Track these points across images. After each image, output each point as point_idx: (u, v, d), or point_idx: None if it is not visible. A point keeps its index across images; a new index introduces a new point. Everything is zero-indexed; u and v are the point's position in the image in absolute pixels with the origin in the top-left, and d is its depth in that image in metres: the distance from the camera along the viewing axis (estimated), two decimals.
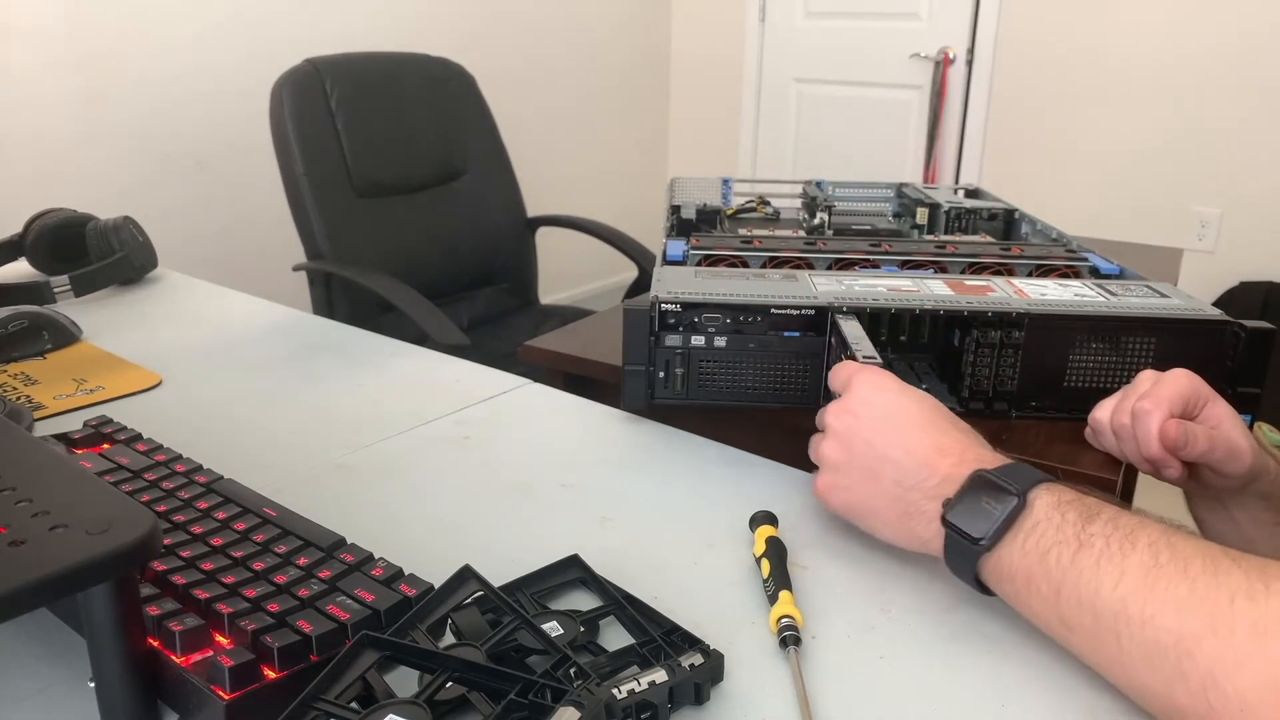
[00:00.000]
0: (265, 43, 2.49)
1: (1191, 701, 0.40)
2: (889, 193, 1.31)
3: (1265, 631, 0.39)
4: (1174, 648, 0.41)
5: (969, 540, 0.49)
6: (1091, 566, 0.44)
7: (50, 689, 0.47)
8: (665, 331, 0.75)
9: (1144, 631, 0.42)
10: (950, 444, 0.54)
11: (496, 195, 2.25)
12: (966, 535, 0.49)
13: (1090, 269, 0.92)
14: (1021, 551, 0.47)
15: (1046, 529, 0.47)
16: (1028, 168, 3.13)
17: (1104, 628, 0.44)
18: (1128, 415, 0.67)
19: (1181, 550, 0.43)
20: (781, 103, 3.66)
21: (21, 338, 0.91)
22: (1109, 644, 0.44)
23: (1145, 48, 2.85)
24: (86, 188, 2.24)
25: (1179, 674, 0.41)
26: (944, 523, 0.50)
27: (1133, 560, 0.43)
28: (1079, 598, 0.44)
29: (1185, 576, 0.42)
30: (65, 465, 0.48)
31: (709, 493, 0.67)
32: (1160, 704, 0.42)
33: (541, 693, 0.41)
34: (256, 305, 1.10)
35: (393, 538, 0.57)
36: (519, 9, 3.23)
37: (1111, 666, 0.44)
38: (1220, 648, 0.39)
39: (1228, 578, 0.41)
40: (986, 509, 0.48)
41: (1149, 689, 0.43)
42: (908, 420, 0.55)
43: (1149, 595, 0.42)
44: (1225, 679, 0.39)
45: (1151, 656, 0.42)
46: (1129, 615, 0.42)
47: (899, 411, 0.56)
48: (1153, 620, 0.42)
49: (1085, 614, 0.44)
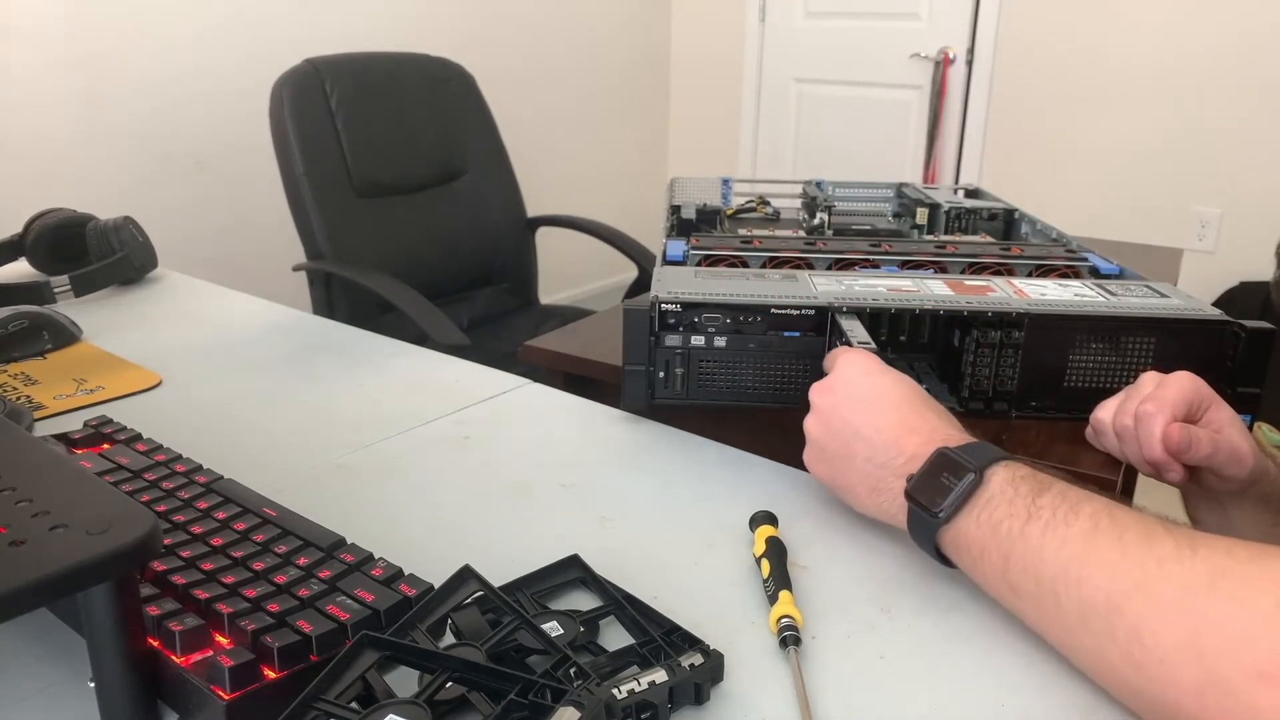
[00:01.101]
0: (265, 43, 2.49)
1: (1119, 657, 0.43)
2: (889, 193, 1.31)
3: (1187, 590, 0.41)
4: (1104, 605, 0.43)
5: (928, 513, 0.52)
6: (1038, 535, 0.47)
7: (50, 689, 0.47)
8: (665, 331, 0.75)
9: (1079, 591, 0.44)
10: (920, 424, 0.56)
11: (496, 195, 2.25)
12: (926, 509, 0.52)
13: (1090, 269, 0.92)
14: (976, 523, 0.50)
15: (1000, 502, 0.49)
16: (1028, 168, 3.13)
17: (1045, 590, 0.46)
18: (1130, 417, 0.67)
19: (1120, 519, 0.45)
20: (781, 103, 3.66)
21: (21, 338, 0.91)
22: (1050, 605, 0.46)
23: (1145, 48, 2.85)
24: (86, 188, 2.24)
25: (1108, 631, 0.43)
26: (906, 496, 0.53)
27: (1075, 528, 0.46)
28: (1025, 564, 0.47)
29: (1120, 542, 0.44)
30: (65, 465, 0.48)
31: (709, 493, 0.67)
32: (1093, 661, 0.45)
33: (541, 693, 0.41)
34: (256, 305, 1.10)
35: (393, 538, 0.57)
36: (519, 9, 3.23)
37: (1052, 627, 0.47)
38: (1146, 605, 0.42)
39: (1159, 543, 0.43)
40: (945, 484, 0.51)
41: (1083, 647, 0.45)
42: (882, 400, 0.59)
43: (1086, 559, 0.45)
44: (1149, 634, 0.41)
45: (1085, 615, 0.44)
46: (1067, 577, 0.45)
47: (874, 392, 0.59)
48: (1088, 581, 0.44)
49: (1030, 578, 0.47)
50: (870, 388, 0.60)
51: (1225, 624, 0.39)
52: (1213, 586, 0.40)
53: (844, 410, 0.60)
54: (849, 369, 0.62)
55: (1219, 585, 0.40)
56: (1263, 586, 0.39)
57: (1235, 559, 0.41)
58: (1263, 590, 0.39)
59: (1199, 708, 0.39)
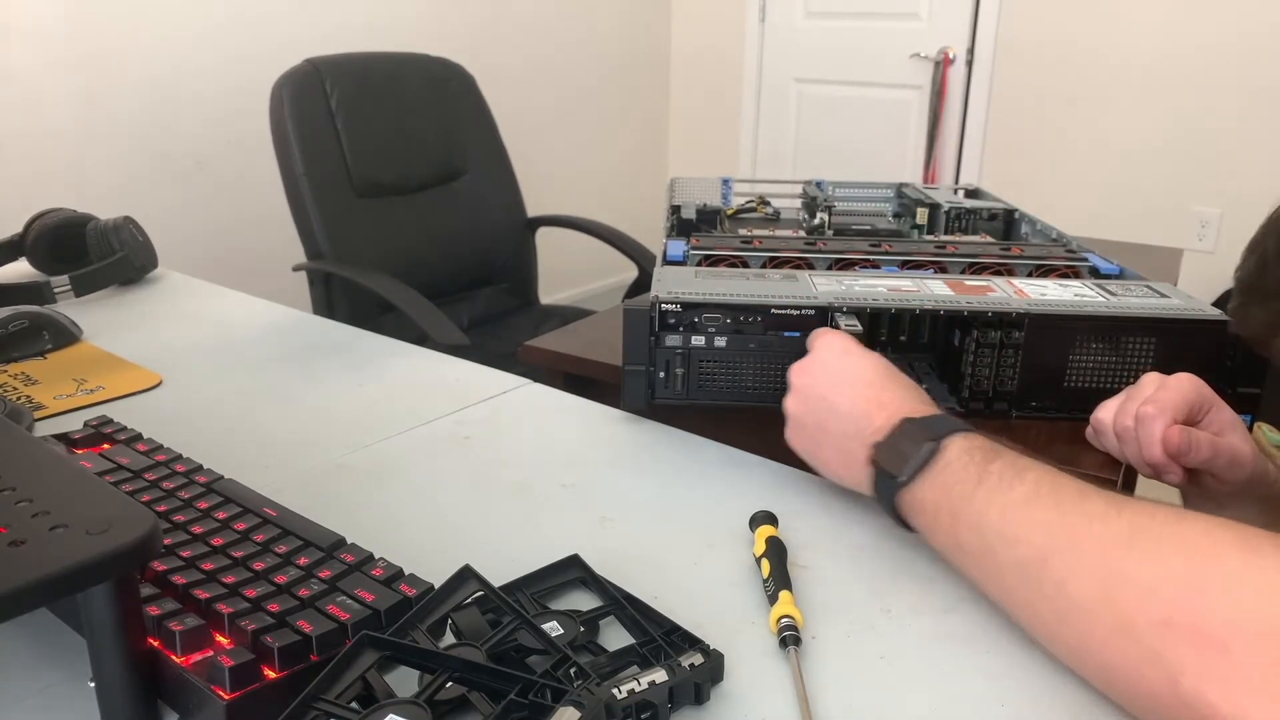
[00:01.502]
0: (265, 43, 2.49)
1: (1047, 608, 0.46)
2: (889, 193, 1.31)
3: (1108, 546, 0.43)
4: (1036, 561, 0.46)
5: (890, 478, 0.55)
6: (984, 497, 0.50)
7: (50, 689, 0.47)
8: (665, 331, 0.75)
9: (1016, 549, 0.47)
10: (888, 399, 0.59)
11: (496, 195, 2.25)
12: (888, 474, 0.55)
13: (1090, 269, 0.92)
14: (932, 487, 0.53)
15: (955, 468, 0.52)
16: (1028, 168, 3.13)
17: (987, 547, 0.49)
18: (1131, 418, 0.67)
19: (1059, 484, 0.48)
20: (781, 103, 3.66)
21: (22, 338, 0.91)
22: (990, 561, 0.49)
23: (1145, 48, 2.85)
24: (86, 188, 2.24)
25: (1038, 584, 0.46)
26: (871, 463, 0.57)
27: (1018, 492, 0.49)
28: (971, 523, 0.50)
29: (1056, 504, 0.47)
30: (65, 465, 0.48)
31: (709, 493, 0.67)
32: (1026, 613, 0.48)
33: (541, 693, 0.41)
34: (256, 305, 1.10)
35: (393, 538, 0.57)
36: (519, 9, 3.23)
37: (991, 582, 0.50)
38: (1072, 559, 0.45)
39: (1091, 504, 0.46)
40: (906, 451, 0.55)
41: (1018, 600, 0.48)
42: (854, 378, 0.62)
43: (1024, 518, 0.48)
44: (1072, 586, 0.44)
45: (1020, 570, 0.47)
46: (1005, 535, 0.48)
47: (847, 370, 0.63)
48: (1024, 538, 0.47)
49: (975, 536, 0.50)
50: (845, 367, 0.63)
51: (1137, 576, 0.42)
52: (1131, 543, 0.43)
53: (820, 388, 0.63)
54: (826, 350, 0.65)
55: (1136, 542, 0.43)
56: (1174, 544, 0.42)
57: (1155, 519, 0.43)
58: (1173, 548, 0.42)
59: (1110, 651, 0.42)
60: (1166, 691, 0.39)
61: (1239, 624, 0.37)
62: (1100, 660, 0.43)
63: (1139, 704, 0.42)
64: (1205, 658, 0.38)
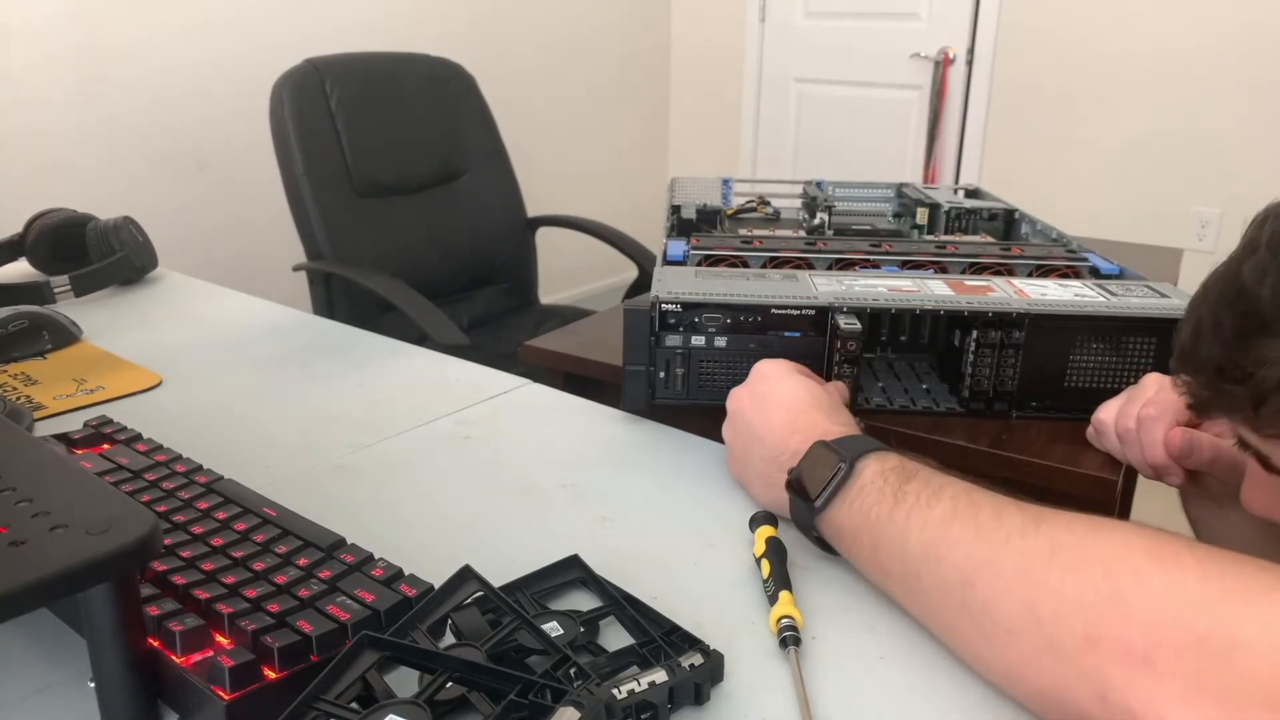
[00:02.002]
0: (265, 42, 2.49)
1: (972, 629, 0.45)
2: (889, 193, 1.31)
3: (1029, 563, 0.43)
4: (960, 581, 0.46)
5: (806, 502, 0.55)
6: (903, 519, 0.50)
7: (50, 689, 0.47)
8: (665, 331, 0.75)
9: (939, 569, 0.47)
10: (804, 424, 0.60)
11: (496, 195, 2.25)
12: (803, 498, 0.55)
13: (1090, 269, 0.92)
14: (849, 511, 0.53)
15: (870, 491, 0.52)
16: (1028, 168, 3.13)
17: (910, 569, 0.49)
18: (1133, 420, 0.67)
19: (976, 501, 0.48)
20: (781, 103, 3.65)
21: (22, 338, 0.91)
22: (914, 584, 0.49)
23: (1145, 48, 2.85)
24: (86, 187, 2.24)
25: (963, 605, 0.45)
26: (787, 487, 0.57)
27: (936, 511, 0.48)
28: (892, 547, 0.50)
29: (974, 522, 0.46)
30: (65, 465, 0.48)
31: (709, 493, 0.67)
32: (953, 635, 0.47)
33: (541, 693, 0.41)
34: (256, 305, 1.10)
35: (393, 538, 0.57)
36: (519, 9, 3.23)
37: (918, 604, 0.50)
38: (994, 578, 0.44)
39: (1008, 520, 0.45)
40: (819, 475, 0.54)
41: (944, 623, 0.48)
42: (775, 403, 0.63)
43: (944, 538, 0.47)
44: (996, 606, 0.44)
45: (944, 591, 0.47)
46: (928, 557, 0.48)
47: (769, 395, 0.64)
48: (945, 559, 0.47)
49: (897, 559, 0.50)
50: (767, 391, 0.64)
51: (1058, 591, 0.41)
52: (1051, 558, 0.42)
53: (746, 414, 0.64)
54: (756, 374, 0.66)
55: (1056, 557, 0.42)
56: (1092, 558, 0.41)
57: (1073, 533, 0.43)
58: (1092, 561, 0.41)
59: (1037, 673, 0.42)
60: (1093, 707, 0.39)
61: (1161, 637, 0.37)
62: (1031, 682, 0.43)
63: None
64: (1130, 672, 0.38)
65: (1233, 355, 0.47)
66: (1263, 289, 0.47)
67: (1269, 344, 0.46)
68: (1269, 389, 0.45)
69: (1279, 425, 0.47)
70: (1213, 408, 0.51)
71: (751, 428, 0.63)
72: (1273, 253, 0.47)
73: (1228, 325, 0.48)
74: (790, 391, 0.63)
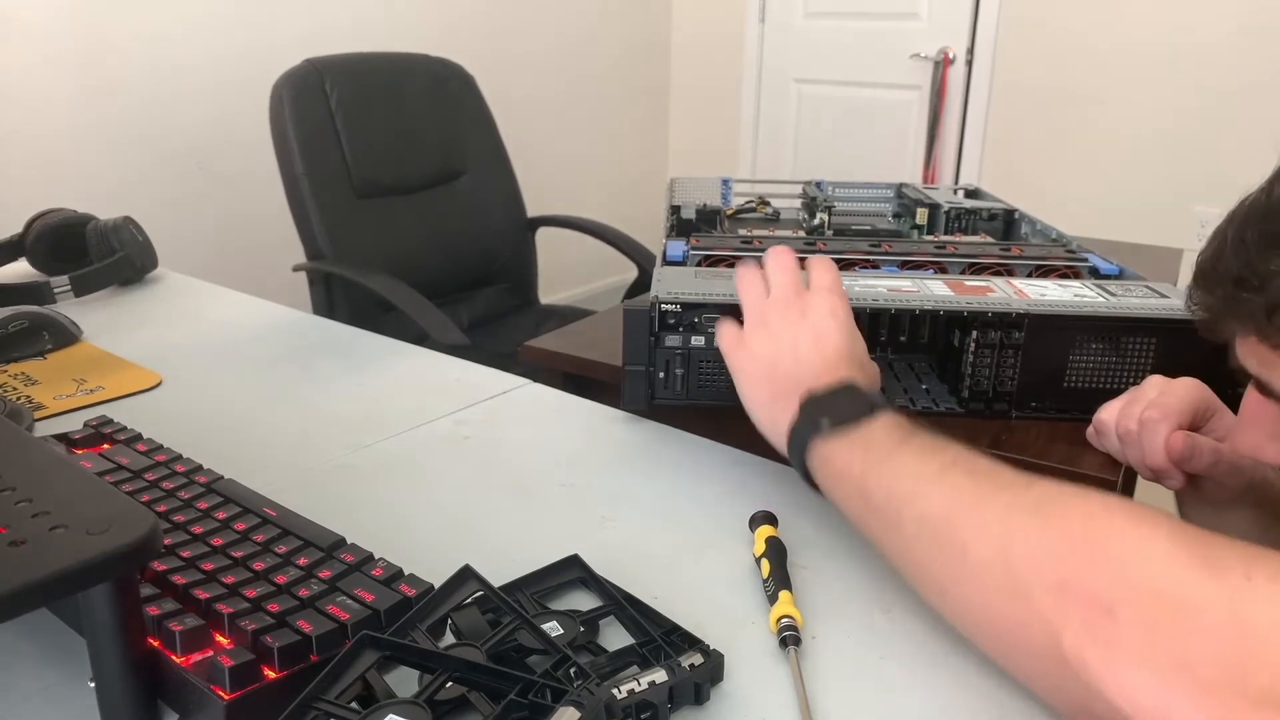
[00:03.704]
0: (265, 42, 2.49)
1: (942, 568, 0.47)
2: (889, 193, 1.31)
3: (1012, 511, 0.44)
4: (940, 520, 0.47)
5: (814, 423, 0.56)
6: (900, 461, 0.51)
7: (50, 689, 0.47)
8: (665, 331, 0.75)
9: (923, 505, 0.48)
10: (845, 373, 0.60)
11: (496, 195, 2.25)
12: (814, 419, 0.56)
13: (1090, 269, 0.92)
14: (851, 445, 0.54)
15: (878, 432, 0.54)
16: (1028, 168, 3.13)
17: (893, 503, 0.50)
18: (1134, 422, 0.67)
19: (977, 459, 0.49)
20: (781, 103, 3.66)
21: (22, 338, 0.91)
22: (893, 518, 0.50)
23: (1145, 47, 2.85)
24: (86, 187, 2.24)
25: (938, 544, 0.47)
26: (800, 404, 0.58)
27: (935, 460, 0.50)
28: (882, 479, 0.51)
29: (970, 474, 0.48)
30: (65, 465, 0.48)
31: (709, 493, 0.67)
32: (921, 574, 0.49)
33: (541, 693, 0.41)
34: (256, 305, 1.10)
35: (393, 538, 0.57)
36: (519, 9, 3.23)
37: (892, 539, 0.51)
38: (974, 520, 0.45)
39: (1003, 477, 0.47)
40: (841, 405, 0.56)
41: (915, 560, 0.49)
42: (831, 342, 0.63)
43: (936, 482, 0.49)
44: (971, 546, 0.45)
45: (922, 529, 0.48)
46: (915, 494, 0.49)
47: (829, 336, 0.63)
48: (932, 498, 0.48)
49: (883, 491, 0.51)
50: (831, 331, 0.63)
51: (1035, 539, 0.42)
52: (1034, 510, 0.44)
53: (794, 335, 0.63)
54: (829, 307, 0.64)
55: (1040, 510, 0.44)
56: (1074, 512, 0.42)
57: (1062, 494, 0.44)
58: (1073, 515, 0.42)
59: (999, 614, 0.43)
60: (1048, 651, 0.40)
61: (1127, 591, 0.38)
62: (992, 623, 0.44)
63: (1021, 664, 0.44)
64: (1091, 620, 0.39)
65: (1254, 265, 0.47)
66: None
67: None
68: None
69: None
70: (1225, 318, 0.51)
71: (795, 351, 0.62)
72: None
73: (1251, 240, 0.48)
74: (849, 342, 0.63)
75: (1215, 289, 0.51)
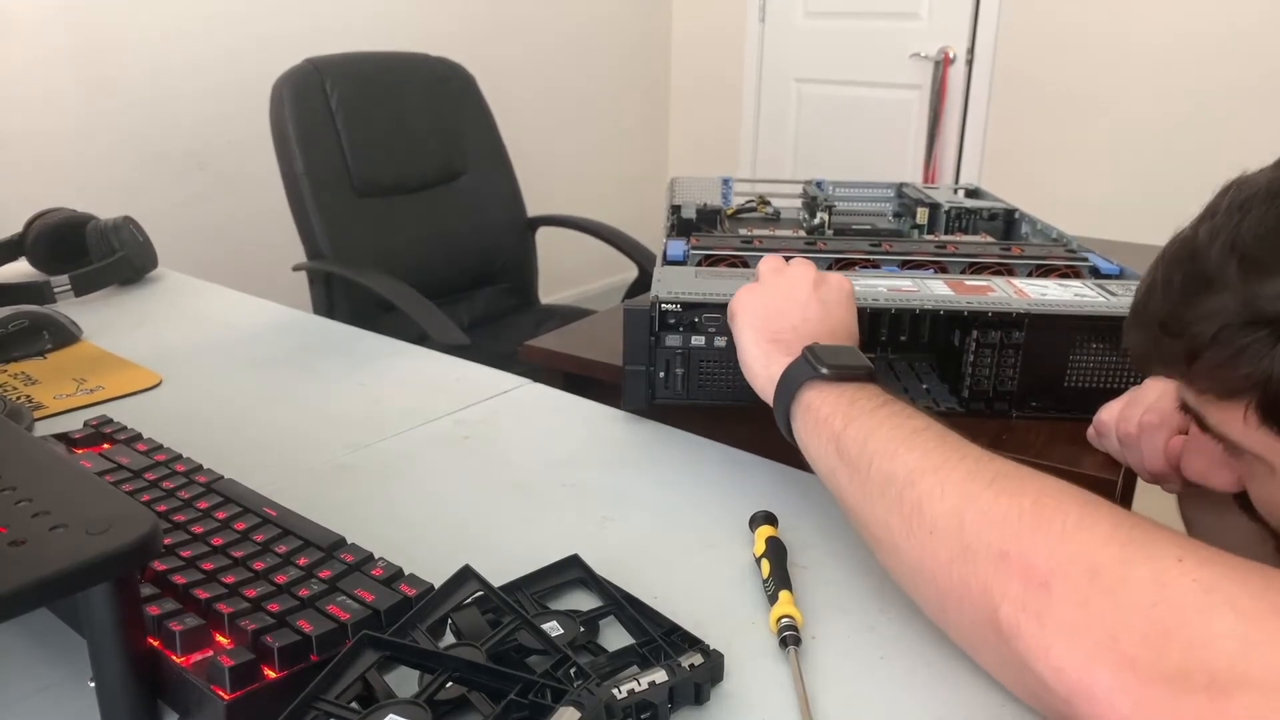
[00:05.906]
0: (265, 42, 2.49)
1: (899, 525, 0.48)
2: (889, 193, 1.31)
3: (971, 479, 0.46)
4: (904, 478, 0.48)
5: (811, 367, 0.58)
6: (879, 419, 0.53)
7: (50, 689, 0.47)
8: (665, 331, 0.75)
9: (889, 464, 0.50)
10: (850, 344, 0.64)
11: (496, 195, 2.25)
12: (813, 364, 0.58)
13: (1090, 269, 0.92)
14: (839, 396, 0.56)
15: (866, 393, 0.56)
16: (1028, 168, 3.12)
17: (864, 457, 0.51)
18: (1134, 425, 0.67)
19: (950, 432, 0.51)
20: (781, 103, 3.65)
21: (22, 337, 0.91)
22: (863, 472, 0.51)
23: (1146, 47, 2.84)
24: (86, 187, 2.24)
25: (899, 500, 0.48)
26: (805, 351, 0.59)
27: (911, 423, 0.52)
28: (858, 434, 0.53)
29: (940, 440, 0.50)
30: (65, 465, 0.48)
31: (709, 493, 0.67)
32: (878, 529, 0.50)
33: (541, 693, 0.41)
34: (256, 305, 1.10)
35: (393, 538, 0.57)
36: (519, 8, 3.23)
37: (855, 491, 0.52)
38: (935, 484, 0.47)
39: (969, 449, 0.49)
40: (841, 358, 0.58)
41: (874, 515, 0.50)
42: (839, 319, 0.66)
43: (906, 442, 0.50)
44: (928, 506, 0.46)
45: (887, 483, 0.49)
46: (885, 452, 0.50)
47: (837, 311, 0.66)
48: (900, 457, 0.50)
49: (856, 445, 0.52)
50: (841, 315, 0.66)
51: (987, 507, 0.44)
52: (991, 481, 0.45)
53: (812, 301, 0.65)
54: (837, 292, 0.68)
55: (996, 481, 0.45)
56: (1026, 489, 0.44)
57: (1020, 472, 0.46)
58: (1025, 491, 0.44)
59: (946, 575, 0.45)
60: (986, 619, 0.42)
61: (1063, 565, 0.40)
62: (939, 582, 0.45)
63: (962, 630, 0.46)
64: (1028, 592, 0.40)
65: (1177, 310, 0.48)
66: (1212, 249, 0.48)
67: (1210, 299, 0.46)
68: (1202, 344, 0.46)
69: (1211, 381, 0.47)
70: (1152, 361, 0.52)
71: (803, 311, 0.65)
72: (1228, 216, 0.49)
73: (1176, 283, 0.49)
74: (852, 323, 0.66)
75: (1143, 330, 0.51)
